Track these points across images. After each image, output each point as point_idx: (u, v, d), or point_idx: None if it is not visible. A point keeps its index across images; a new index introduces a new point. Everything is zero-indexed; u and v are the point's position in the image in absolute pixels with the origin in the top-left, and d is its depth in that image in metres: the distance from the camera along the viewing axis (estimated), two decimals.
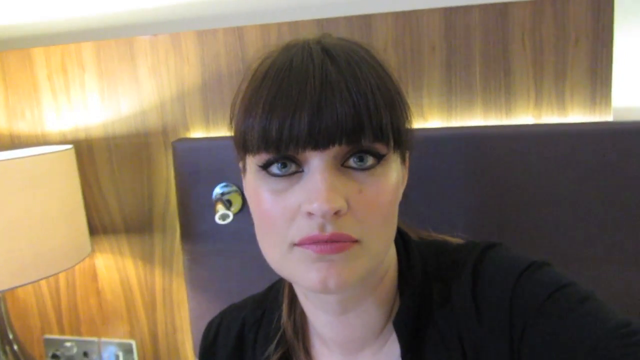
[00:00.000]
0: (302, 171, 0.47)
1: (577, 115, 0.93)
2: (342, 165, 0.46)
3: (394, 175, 0.49)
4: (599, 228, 0.88)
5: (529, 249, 0.56)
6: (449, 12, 0.95)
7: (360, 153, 0.46)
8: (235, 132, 0.50)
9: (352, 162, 0.46)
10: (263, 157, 0.47)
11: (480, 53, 0.95)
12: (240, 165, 0.55)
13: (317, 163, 0.45)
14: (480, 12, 0.93)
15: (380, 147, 0.47)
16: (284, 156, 0.46)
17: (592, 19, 0.89)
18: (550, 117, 0.94)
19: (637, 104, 0.92)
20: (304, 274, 0.47)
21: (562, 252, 0.90)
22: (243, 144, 0.48)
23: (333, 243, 0.45)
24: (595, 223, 0.88)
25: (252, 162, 0.49)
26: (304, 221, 0.46)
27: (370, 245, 0.47)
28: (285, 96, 0.44)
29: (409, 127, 0.52)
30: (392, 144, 0.47)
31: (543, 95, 0.94)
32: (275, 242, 0.49)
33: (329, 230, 0.45)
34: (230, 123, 0.54)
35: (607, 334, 0.43)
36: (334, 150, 0.45)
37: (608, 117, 0.92)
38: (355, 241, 0.46)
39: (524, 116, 0.95)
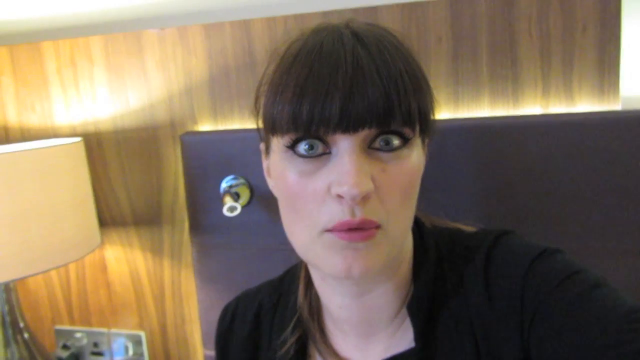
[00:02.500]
0: (330, 153, 0.47)
1: (585, 104, 0.93)
2: (368, 147, 0.47)
3: (416, 158, 0.50)
4: (608, 218, 0.88)
5: (536, 239, 0.56)
6: (454, 3, 0.95)
7: (388, 135, 0.47)
8: (264, 114, 0.51)
9: (379, 144, 0.47)
10: (291, 136, 0.47)
11: (486, 43, 0.95)
12: (262, 147, 0.56)
13: (346, 145, 0.46)
14: (486, 2, 0.93)
15: (407, 131, 0.47)
16: (313, 136, 0.46)
17: (600, 7, 0.88)
18: (558, 107, 0.94)
19: None
20: (329, 259, 0.48)
21: (570, 242, 0.89)
22: (272, 126, 0.49)
23: (361, 231, 0.46)
24: (604, 213, 0.88)
25: (278, 143, 0.49)
26: (334, 205, 0.46)
27: (391, 230, 0.48)
28: (317, 79, 0.45)
29: (433, 113, 0.53)
30: (418, 128, 0.48)
31: (550, 85, 0.93)
32: (304, 226, 0.49)
33: (358, 214, 0.46)
34: (255, 105, 0.54)
35: (618, 319, 0.44)
36: (363, 134, 0.46)
37: (616, 106, 0.91)
38: (378, 226, 0.47)
39: (531, 106, 0.95)
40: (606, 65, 0.90)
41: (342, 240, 0.47)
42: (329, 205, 0.47)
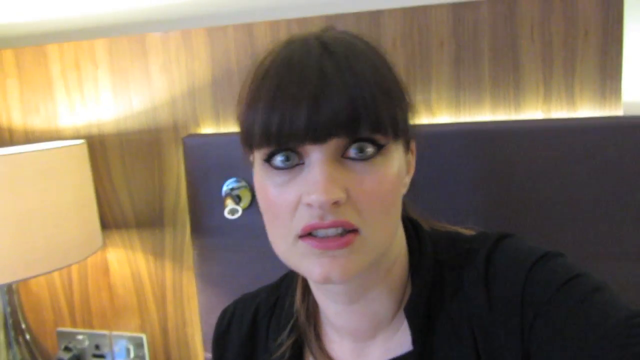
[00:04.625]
0: (303, 163, 0.48)
1: (586, 110, 0.93)
2: (342, 156, 0.47)
3: (395, 164, 0.50)
4: (609, 224, 0.87)
5: (536, 243, 0.56)
6: (457, 8, 0.95)
7: (359, 143, 0.47)
8: (240, 127, 0.52)
9: (352, 153, 0.47)
10: (266, 150, 0.48)
11: (488, 48, 0.95)
12: (251, 158, 0.57)
13: (316, 156, 0.46)
14: (488, 7, 0.93)
15: (378, 138, 0.47)
16: (285, 149, 0.47)
17: (602, 12, 0.88)
18: (560, 112, 0.94)
19: None
20: (307, 267, 0.49)
21: (571, 248, 0.88)
22: (247, 139, 0.50)
23: (336, 239, 0.47)
24: (605, 219, 0.87)
25: (258, 157, 0.50)
26: (304, 211, 0.47)
27: (370, 236, 0.48)
28: (285, 92, 0.46)
29: (409, 116, 0.53)
30: (390, 134, 0.48)
31: (552, 90, 0.94)
32: (281, 234, 0.50)
33: (329, 219, 0.46)
34: (237, 118, 0.55)
35: (617, 324, 0.43)
36: (333, 143, 0.46)
37: (618, 112, 0.91)
38: (355, 231, 0.47)
39: (533, 111, 0.95)
40: (608, 71, 0.90)
41: (316, 249, 0.47)
42: (300, 212, 0.48)
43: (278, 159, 0.48)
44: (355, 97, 0.45)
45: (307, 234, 0.48)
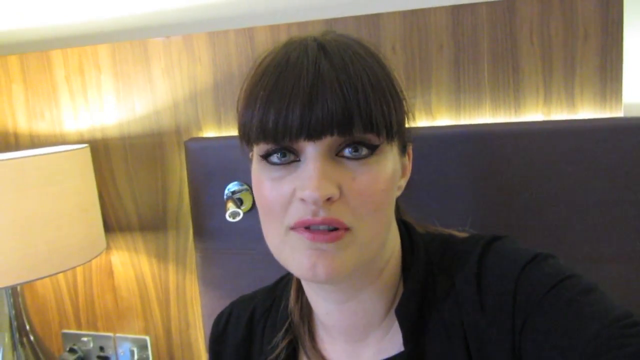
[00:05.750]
0: (299, 160, 0.49)
1: (587, 111, 0.92)
2: (336, 154, 0.49)
3: (389, 165, 0.51)
4: (610, 225, 0.87)
5: (537, 246, 0.56)
6: (456, 10, 0.95)
7: (354, 144, 0.48)
8: (239, 124, 0.53)
9: (346, 152, 0.49)
10: (263, 147, 0.50)
11: (488, 50, 0.95)
12: (250, 155, 0.58)
13: (311, 152, 0.48)
14: (487, 9, 0.93)
15: (372, 138, 0.48)
16: (282, 147, 0.49)
17: (602, 14, 0.88)
18: (560, 114, 0.94)
19: None
20: (296, 259, 0.50)
21: (571, 250, 0.88)
22: (244, 135, 0.51)
23: (326, 233, 0.47)
24: (606, 220, 0.87)
25: (255, 152, 0.52)
26: (299, 206, 0.48)
27: (361, 234, 0.49)
28: (281, 90, 0.47)
29: (404, 119, 0.54)
30: (384, 135, 0.49)
31: (552, 92, 0.93)
32: (273, 226, 0.51)
33: (322, 215, 0.47)
34: (237, 117, 0.56)
35: (608, 324, 0.44)
36: (327, 141, 0.47)
37: (619, 113, 0.91)
38: (347, 229, 0.48)
39: (533, 113, 0.95)
40: (608, 72, 0.90)
41: (306, 240, 0.48)
42: (294, 205, 0.49)
43: (274, 156, 0.49)
44: (349, 98, 0.46)
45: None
